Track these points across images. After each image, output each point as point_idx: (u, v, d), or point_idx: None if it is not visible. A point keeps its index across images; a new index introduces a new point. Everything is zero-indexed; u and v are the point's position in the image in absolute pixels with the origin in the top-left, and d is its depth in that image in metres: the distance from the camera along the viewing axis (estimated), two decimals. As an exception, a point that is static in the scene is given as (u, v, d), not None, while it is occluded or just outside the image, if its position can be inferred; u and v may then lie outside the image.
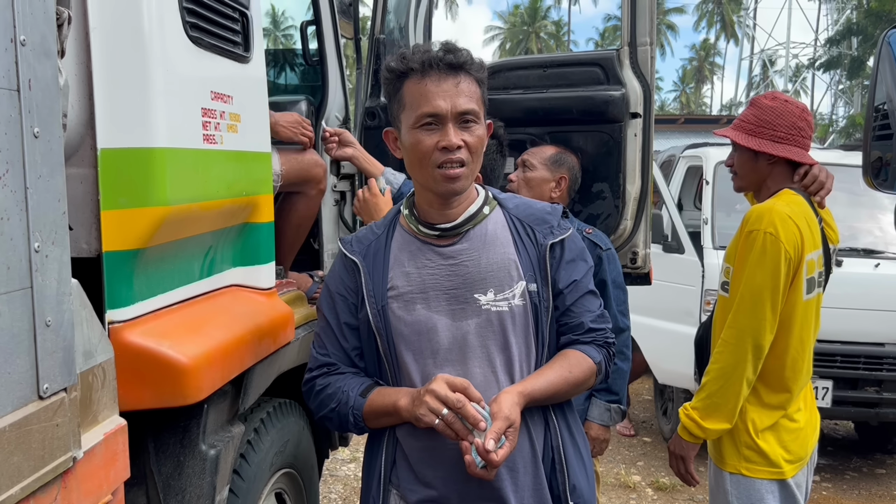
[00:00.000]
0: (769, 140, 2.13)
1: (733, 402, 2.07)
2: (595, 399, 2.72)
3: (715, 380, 2.09)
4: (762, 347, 2.05)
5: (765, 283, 2.02)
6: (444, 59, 1.54)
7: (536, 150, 2.83)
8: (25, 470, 1.07)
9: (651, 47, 3.12)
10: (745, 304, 2.04)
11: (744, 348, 2.04)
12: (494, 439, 1.44)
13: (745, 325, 2.04)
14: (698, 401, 2.14)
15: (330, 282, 1.72)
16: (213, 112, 1.79)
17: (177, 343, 1.63)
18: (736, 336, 2.06)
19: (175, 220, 1.66)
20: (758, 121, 2.15)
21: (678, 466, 2.25)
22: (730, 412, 2.08)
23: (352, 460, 5.02)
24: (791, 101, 2.16)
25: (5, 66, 1.04)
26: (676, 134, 18.63)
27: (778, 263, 2.01)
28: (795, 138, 2.11)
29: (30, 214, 1.08)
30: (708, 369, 2.12)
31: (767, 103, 2.16)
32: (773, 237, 2.00)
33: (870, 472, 5.30)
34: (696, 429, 2.13)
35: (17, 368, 1.06)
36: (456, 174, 1.55)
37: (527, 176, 2.75)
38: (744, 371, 2.05)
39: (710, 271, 4.93)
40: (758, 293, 2.03)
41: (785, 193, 2.13)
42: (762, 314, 2.03)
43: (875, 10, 20.92)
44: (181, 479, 1.77)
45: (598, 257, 2.63)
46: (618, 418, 2.75)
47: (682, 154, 6.39)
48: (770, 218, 2.02)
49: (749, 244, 2.05)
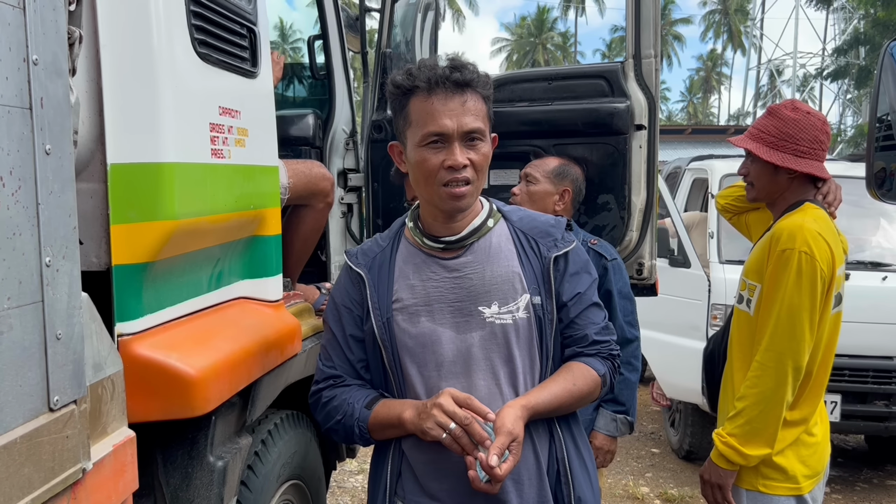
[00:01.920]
0: (792, 154, 2.06)
1: (774, 426, 2.01)
2: (602, 409, 2.71)
3: (755, 404, 2.01)
4: (801, 369, 2.00)
5: (803, 303, 1.96)
6: (451, 78, 1.54)
7: (539, 162, 2.82)
8: (36, 481, 1.09)
9: (655, 59, 3.14)
10: (783, 325, 1.98)
11: (784, 371, 1.98)
12: (498, 454, 1.44)
13: (784, 347, 1.98)
14: (736, 427, 2.04)
15: (336, 294, 1.73)
16: (220, 127, 1.81)
17: (185, 355, 1.65)
18: (775, 359, 1.99)
19: (183, 234, 1.68)
20: (780, 133, 2.08)
21: (714, 495, 2.13)
22: (770, 436, 2.02)
23: (359, 472, 5.02)
24: (813, 112, 2.10)
25: (18, 84, 1.06)
26: (684, 144, 18.65)
27: (815, 283, 1.95)
28: (817, 152, 2.06)
29: (41, 230, 1.10)
30: (744, 393, 2.04)
31: (790, 115, 2.08)
32: (808, 256, 1.95)
33: (880, 483, 5.26)
34: (735, 456, 2.04)
35: (28, 381, 1.08)
36: (461, 192, 1.56)
37: (530, 189, 2.73)
38: (784, 394, 1.99)
39: (717, 286, 4.92)
40: (797, 314, 1.96)
41: (809, 208, 2.07)
42: (801, 335, 1.97)
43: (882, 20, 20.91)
44: (189, 491, 1.78)
45: (604, 268, 2.61)
46: (625, 430, 2.72)
47: (687, 166, 6.39)
48: (803, 236, 1.97)
49: (783, 263, 1.98)
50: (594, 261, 2.48)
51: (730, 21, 54.53)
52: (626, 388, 2.69)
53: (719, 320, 4.91)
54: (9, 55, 1.04)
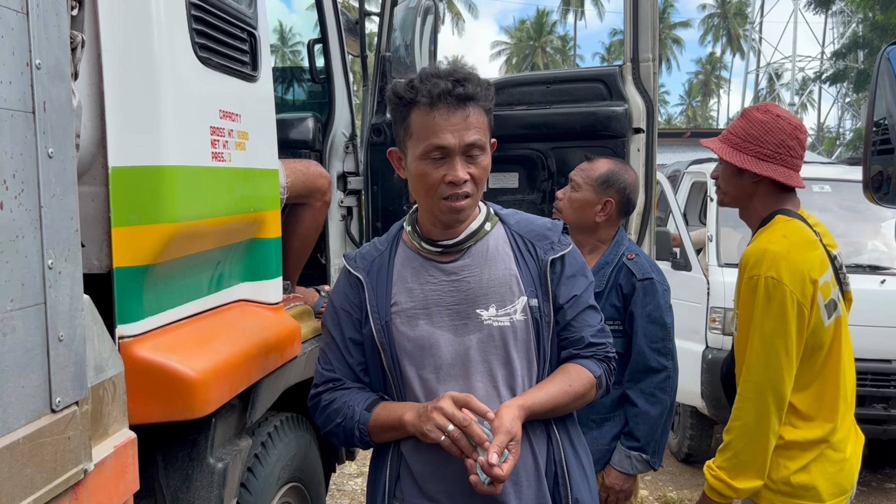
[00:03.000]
0: (753, 157, 2.00)
1: (761, 457, 1.96)
2: (619, 444, 2.44)
3: (739, 437, 1.97)
4: (783, 397, 1.95)
5: (774, 330, 1.91)
6: (454, 93, 1.52)
7: (588, 166, 2.54)
8: (38, 482, 1.10)
9: (654, 63, 3.15)
10: (758, 355, 1.94)
11: (765, 401, 1.93)
12: (497, 453, 1.45)
13: (761, 377, 1.94)
14: (724, 460, 2.00)
15: (334, 298, 1.74)
16: (221, 130, 1.83)
17: (185, 357, 1.66)
18: (754, 390, 1.95)
19: (184, 237, 1.69)
20: (745, 135, 2.02)
21: None
22: (759, 468, 1.97)
23: (358, 475, 5.03)
24: (784, 116, 2.02)
25: (21, 89, 1.07)
26: (683, 147, 18.64)
27: (784, 307, 1.90)
28: (783, 157, 1.99)
29: (44, 232, 1.11)
30: (729, 426, 2.00)
31: (758, 116, 2.02)
32: (774, 280, 1.90)
33: (879, 486, 5.26)
34: (725, 489, 2.00)
35: (30, 382, 1.09)
36: (461, 206, 1.57)
37: (571, 196, 2.51)
38: (768, 424, 1.94)
39: (716, 289, 4.94)
40: (769, 342, 1.92)
41: (779, 223, 2.01)
42: (777, 363, 1.92)
43: (881, 24, 20.97)
44: (189, 493, 1.79)
45: (633, 286, 2.40)
46: (641, 468, 2.43)
47: (686, 170, 6.41)
48: (769, 261, 1.91)
49: (750, 290, 1.94)
50: (625, 278, 2.41)
51: (729, 24, 54.63)
52: (642, 422, 2.39)
53: (718, 323, 4.93)
54: (12, 59, 1.06)
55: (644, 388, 2.39)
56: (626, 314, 2.41)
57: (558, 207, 2.53)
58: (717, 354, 4.84)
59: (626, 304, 2.41)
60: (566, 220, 2.42)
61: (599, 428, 2.44)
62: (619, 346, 2.40)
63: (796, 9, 38.70)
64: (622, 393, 2.44)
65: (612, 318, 2.40)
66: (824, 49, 41.14)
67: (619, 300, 2.42)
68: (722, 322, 4.92)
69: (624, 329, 2.43)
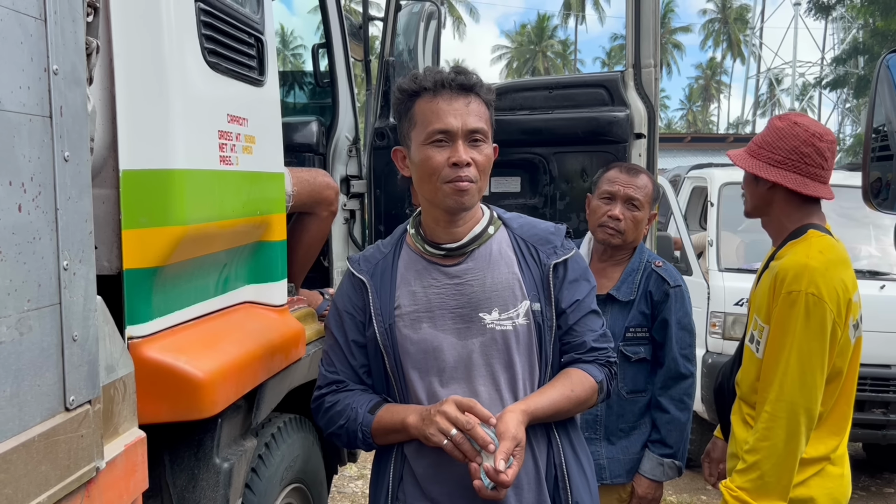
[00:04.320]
0: (765, 162, 1.99)
1: (787, 479, 1.88)
2: (648, 451, 2.42)
3: (766, 458, 1.88)
4: (814, 418, 1.89)
5: (812, 349, 1.85)
6: (456, 80, 1.59)
7: (636, 181, 2.43)
8: (52, 478, 1.12)
9: (655, 69, 3.18)
10: (794, 373, 1.86)
11: (796, 421, 1.86)
12: (504, 459, 1.45)
13: (795, 397, 1.86)
14: (747, 480, 1.90)
15: (338, 300, 1.76)
16: (229, 134, 1.85)
17: (193, 358, 1.68)
18: (787, 409, 1.86)
19: (192, 239, 1.71)
20: (762, 141, 2.02)
21: None
22: (783, 490, 1.89)
23: (359, 477, 5.04)
24: (803, 123, 1.98)
25: (39, 93, 1.10)
26: (683, 152, 18.70)
27: (824, 326, 1.85)
28: (796, 164, 1.96)
29: (59, 234, 1.14)
30: (754, 446, 1.91)
31: (776, 124, 2.02)
32: (816, 298, 1.84)
33: (878, 490, 5.28)
34: None
35: (45, 381, 1.11)
36: (465, 187, 1.59)
37: (636, 216, 2.42)
38: (797, 445, 1.88)
39: (716, 293, 4.96)
40: (807, 361, 1.86)
41: (814, 238, 1.96)
42: (812, 382, 1.86)
43: (881, 30, 20.98)
44: (195, 492, 1.81)
45: (665, 293, 2.39)
46: (672, 474, 2.42)
47: (686, 175, 6.44)
48: (810, 276, 1.85)
49: (789, 306, 1.87)
50: (655, 285, 2.41)
51: (729, 30, 54.71)
52: (674, 428, 2.40)
53: (718, 328, 4.95)
54: (31, 65, 1.08)
55: (674, 394, 2.40)
56: (652, 321, 2.42)
57: (619, 229, 2.40)
58: (716, 359, 4.87)
59: (654, 311, 2.41)
60: (627, 240, 2.42)
61: (628, 437, 2.44)
62: (646, 352, 2.42)
63: (797, 14, 38.78)
64: (648, 400, 2.44)
65: (640, 325, 2.41)
66: (824, 55, 41.21)
67: (647, 307, 2.41)
68: (722, 326, 4.94)
69: (651, 335, 2.43)
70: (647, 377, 2.45)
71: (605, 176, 2.49)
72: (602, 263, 2.49)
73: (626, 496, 2.45)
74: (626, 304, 2.41)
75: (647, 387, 2.44)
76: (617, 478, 2.41)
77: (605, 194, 2.44)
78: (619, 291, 2.41)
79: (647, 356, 2.42)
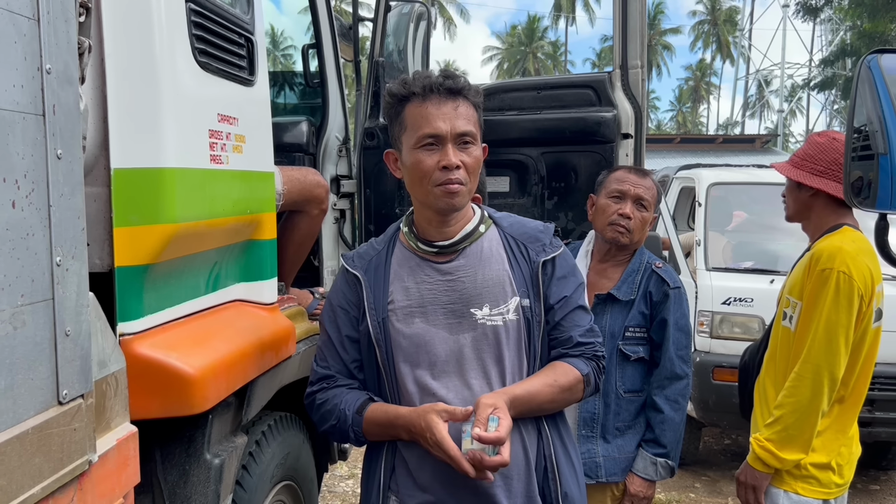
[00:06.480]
0: (808, 172, 2.28)
1: (809, 433, 2.17)
2: (641, 450, 2.46)
3: (791, 412, 2.17)
4: (837, 379, 2.15)
5: (840, 320, 2.12)
6: (444, 85, 1.63)
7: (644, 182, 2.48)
8: (46, 471, 1.14)
9: (642, 70, 3.22)
10: (821, 339, 2.14)
11: (820, 381, 2.14)
12: (483, 423, 1.50)
13: (821, 359, 2.14)
14: (773, 433, 2.20)
15: (332, 296, 1.79)
16: (219, 133, 1.87)
17: (184, 355, 1.70)
18: (813, 370, 2.14)
19: (183, 237, 1.73)
20: (804, 154, 2.32)
21: (748, 496, 2.28)
22: (805, 442, 2.18)
23: (350, 476, 5.05)
24: (839, 139, 2.26)
25: (32, 92, 1.12)
26: (672, 153, 18.77)
27: (852, 301, 2.12)
28: (836, 173, 2.22)
29: (52, 231, 1.16)
30: (781, 402, 2.20)
31: (816, 139, 2.32)
32: (846, 276, 2.11)
33: (864, 488, 5.33)
34: (772, 459, 2.20)
35: (39, 375, 1.13)
36: (455, 189, 1.62)
37: (644, 217, 2.48)
38: (820, 403, 2.15)
39: (704, 292, 5.00)
40: (833, 330, 2.13)
41: (847, 231, 2.24)
42: (837, 349, 2.13)
43: (868, 32, 21.16)
44: (186, 488, 1.82)
45: (665, 294, 2.44)
46: (665, 474, 2.46)
47: (675, 175, 6.49)
48: (842, 257, 2.13)
49: (822, 282, 2.15)
50: (655, 286, 2.44)
51: (718, 31, 54.97)
52: (668, 428, 2.43)
53: (705, 326, 4.99)
54: (24, 64, 1.10)
55: (669, 394, 2.44)
56: (651, 321, 2.45)
57: (628, 227, 2.44)
58: (704, 357, 4.90)
59: (653, 311, 2.45)
60: (633, 240, 2.45)
61: (623, 436, 2.47)
62: (645, 352, 2.46)
63: (785, 16, 39.01)
64: (645, 400, 2.47)
65: (639, 324, 2.44)
66: (813, 56, 41.51)
67: (647, 307, 2.45)
68: (709, 325, 4.98)
69: (648, 336, 2.46)
70: (644, 377, 2.48)
71: (612, 176, 2.52)
72: (603, 264, 2.53)
73: (620, 494, 2.48)
74: (626, 303, 2.44)
75: (645, 387, 2.47)
76: (612, 476, 2.44)
77: (616, 193, 2.46)
78: (620, 291, 2.45)
79: (645, 356, 2.46)
